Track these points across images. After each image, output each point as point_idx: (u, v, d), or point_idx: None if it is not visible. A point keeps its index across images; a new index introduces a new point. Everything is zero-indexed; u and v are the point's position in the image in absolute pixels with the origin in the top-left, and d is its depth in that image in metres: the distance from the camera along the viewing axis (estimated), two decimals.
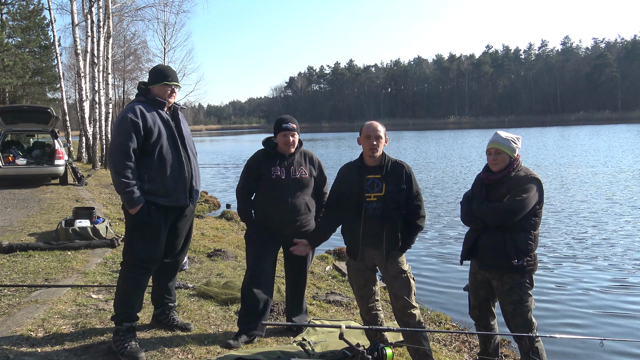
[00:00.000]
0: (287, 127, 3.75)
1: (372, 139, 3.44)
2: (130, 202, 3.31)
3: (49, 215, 8.80)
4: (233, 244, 7.76)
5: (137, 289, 3.49)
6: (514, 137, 3.53)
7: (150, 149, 3.37)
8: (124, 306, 3.43)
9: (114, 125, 3.47)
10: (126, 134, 3.30)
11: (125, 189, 3.28)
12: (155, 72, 3.57)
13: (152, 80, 3.53)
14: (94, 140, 19.21)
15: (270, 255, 3.84)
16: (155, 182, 3.39)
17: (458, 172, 20.14)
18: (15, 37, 26.71)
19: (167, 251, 3.64)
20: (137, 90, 3.62)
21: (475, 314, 3.76)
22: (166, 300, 3.86)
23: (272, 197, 3.76)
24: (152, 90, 3.52)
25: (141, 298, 3.54)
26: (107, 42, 19.67)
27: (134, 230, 3.44)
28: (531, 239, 3.42)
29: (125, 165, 3.29)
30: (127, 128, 3.31)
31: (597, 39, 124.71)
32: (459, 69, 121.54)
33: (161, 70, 3.60)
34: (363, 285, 3.62)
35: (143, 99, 3.49)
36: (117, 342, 3.35)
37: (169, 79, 3.50)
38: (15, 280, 4.94)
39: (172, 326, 3.86)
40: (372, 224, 3.45)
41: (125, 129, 3.31)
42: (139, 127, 3.33)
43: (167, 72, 3.56)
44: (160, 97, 3.50)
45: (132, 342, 3.36)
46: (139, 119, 3.34)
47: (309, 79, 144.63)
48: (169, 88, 3.51)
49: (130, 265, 3.45)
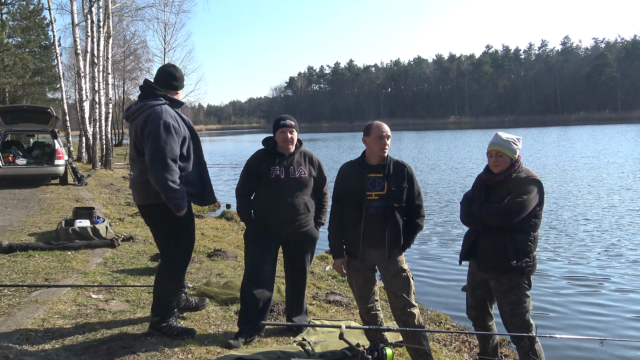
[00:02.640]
0: (285, 124, 3.76)
1: (385, 139, 3.47)
2: (180, 207, 3.40)
3: (49, 215, 8.80)
4: (233, 244, 7.76)
5: (180, 285, 3.83)
6: (515, 138, 3.53)
7: (185, 152, 3.45)
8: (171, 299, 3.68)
9: (153, 131, 3.30)
10: (173, 140, 3.32)
11: (177, 195, 3.34)
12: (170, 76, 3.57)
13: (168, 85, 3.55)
14: (94, 140, 19.20)
15: (269, 255, 3.84)
16: (190, 184, 3.51)
17: (457, 172, 20.14)
18: (15, 37, 26.74)
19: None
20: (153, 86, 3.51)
21: (473, 314, 3.76)
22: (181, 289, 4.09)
23: (271, 197, 3.76)
24: (170, 93, 3.55)
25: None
26: (107, 42, 19.67)
27: (177, 234, 3.60)
28: (531, 240, 3.42)
29: (175, 172, 3.33)
30: (172, 134, 3.32)
31: (597, 39, 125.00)
32: (459, 69, 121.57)
33: (181, 77, 3.64)
34: (363, 286, 3.62)
35: (163, 101, 3.46)
36: (167, 329, 3.64)
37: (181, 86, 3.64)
38: (15, 280, 4.94)
39: (192, 308, 4.21)
40: (374, 222, 3.45)
41: (172, 136, 3.32)
42: (180, 133, 3.40)
43: (181, 78, 3.65)
44: (177, 97, 3.61)
45: (179, 324, 3.76)
46: (178, 124, 3.39)
47: (309, 79, 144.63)
48: (179, 93, 3.65)
49: (178, 266, 3.70)
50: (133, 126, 3.48)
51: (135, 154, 3.48)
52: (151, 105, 3.39)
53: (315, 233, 3.93)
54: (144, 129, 3.34)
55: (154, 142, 3.28)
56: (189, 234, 3.68)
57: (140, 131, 3.38)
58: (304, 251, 3.93)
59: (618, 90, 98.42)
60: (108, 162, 19.88)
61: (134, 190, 3.63)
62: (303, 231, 3.82)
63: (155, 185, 3.30)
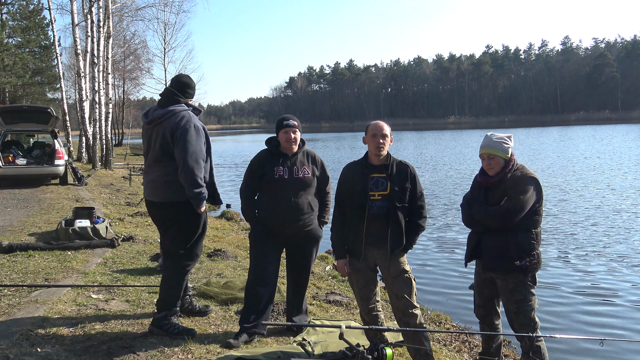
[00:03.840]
0: (288, 124, 3.78)
1: (379, 137, 3.46)
2: (202, 203, 3.65)
3: (49, 215, 8.80)
4: (233, 244, 7.76)
5: (186, 280, 3.87)
6: (505, 137, 3.50)
7: (207, 154, 3.71)
8: (178, 296, 3.77)
9: (187, 132, 3.55)
10: (202, 142, 3.62)
11: (202, 192, 3.59)
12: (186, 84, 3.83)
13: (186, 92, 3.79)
14: (94, 140, 19.20)
15: (273, 255, 3.85)
16: (207, 184, 3.69)
17: (458, 172, 20.14)
18: (15, 37, 26.71)
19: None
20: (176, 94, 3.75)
21: (480, 312, 3.76)
22: (186, 291, 4.12)
23: (274, 197, 3.77)
24: (189, 101, 3.81)
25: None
26: (107, 42, 19.68)
27: (197, 231, 3.76)
28: (533, 237, 3.41)
29: (202, 171, 3.59)
30: (201, 137, 3.62)
31: (597, 39, 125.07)
32: (459, 69, 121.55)
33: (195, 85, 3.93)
34: (364, 286, 3.61)
35: (185, 107, 3.71)
36: (168, 326, 3.69)
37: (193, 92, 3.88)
38: (15, 280, 4.94)
39: (195, 312, 4.19)
40: (376, 222, 3.45)
41: (201, 138, 3.61)
42: (202, 137, 3.64)
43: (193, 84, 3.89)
44: (195, 105, 3.81)
45: (179, 323, 3.77)
46: (202, 129, 3.66)
47: (309, 79, 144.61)
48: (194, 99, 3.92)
49: (189, 260, 3.77)
50: (159, 129, 3.63)
51: (162, 155, 3.64)
52: (179, 111, 3.64)
53: (319, 232, 3.94)
54: (175, 132, 3.55)
55: (188, 144, 3.54)
56: (203, 233, 3.84)
57: (171, 134, 3.57)
58: (307, 251, 3.94)
59: (618, 90, 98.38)
60: (108, 162, 19.89)
61: (153, 189, 3.75)
62: (306, 230, 3.83)
63: (188, 182, 3.53)
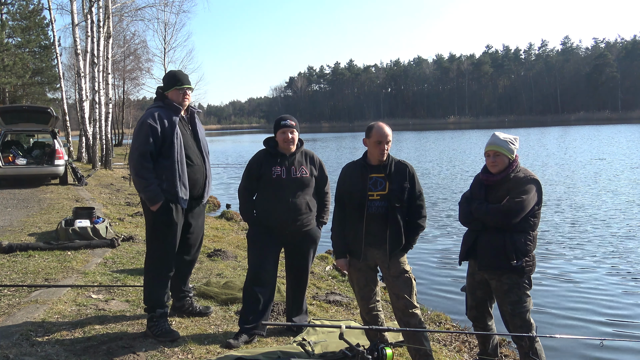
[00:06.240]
0: (286, 124, 3.78)
1: (384, 144, 3.45)
2: (151, 200, 3.58)
3: (49, 215, 8.80)
4: (233, 244, 7.76)
5: (164, 280, 3.76)
6: (512, 137, 3.53)
7: (167, 151, 3.61)
8: (154, 296, 3.71)
9: (135, 130, 3.69)
10: (144, 138, 3.57)
11: (145, 187, 3.56)
12: (167, 78, 3.81)
13: (166, 86, 3.77)
14: (93, 140, 19.20)
15: (272, 255, 3.85)
16: (173, 182, 3.61)
17: (456, 172, 20.14)
18: (15, 37, 26.66)
19: (184, 249, 3.90)
20: (154, 94, 3.87)
21: (473, 314, 3.76)
22: (186, 292, 4.14)
23: (273, 197, 3.77)
24: (167, 95, 3.75)
25: (167, 287, 3.83)
26: (107, 42, 19.67)
27: (155, 228, 3.69)
28: (530, 239, 3.42)
29: (143, 167, 3.57)
30: (145, 132, 3.57)
31: (597, 39, 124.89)
32: (459, 69, 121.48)
33: (172, 75, 3.81)
34: (364, 286, 3.61)
35: (161, 104, 3.73)
36: (152, 327, 3.65)
37: (179, 83, 3.73)
38: (15, 280, 4.94)
39: (195, 313, 4.14)
40: (375, 222, 3.45)
41: (144, 134, 3.57)
42: (157, 132, 3.58)
43: (178, 76, 3.78)
44: (175, 101, 3.73)
45: (166, 325, 3.68)
46: (157, 124, 3.59)
47: (309, 79, 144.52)
48: (181, 92, 3.74)
49: (155, 259, 3.72)
50: None
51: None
52: (146, 110, 3.75)
53: (317, 233, 3.94)
54: None
55: (134, 140, 3.66)
56: (168, 232, 3.67)
57: None
58: (306, 251, 3.93)
59: (618, 90, 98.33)
60: (108, 162, 19.88)
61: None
62: (305, 231, 3.83)
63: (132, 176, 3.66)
